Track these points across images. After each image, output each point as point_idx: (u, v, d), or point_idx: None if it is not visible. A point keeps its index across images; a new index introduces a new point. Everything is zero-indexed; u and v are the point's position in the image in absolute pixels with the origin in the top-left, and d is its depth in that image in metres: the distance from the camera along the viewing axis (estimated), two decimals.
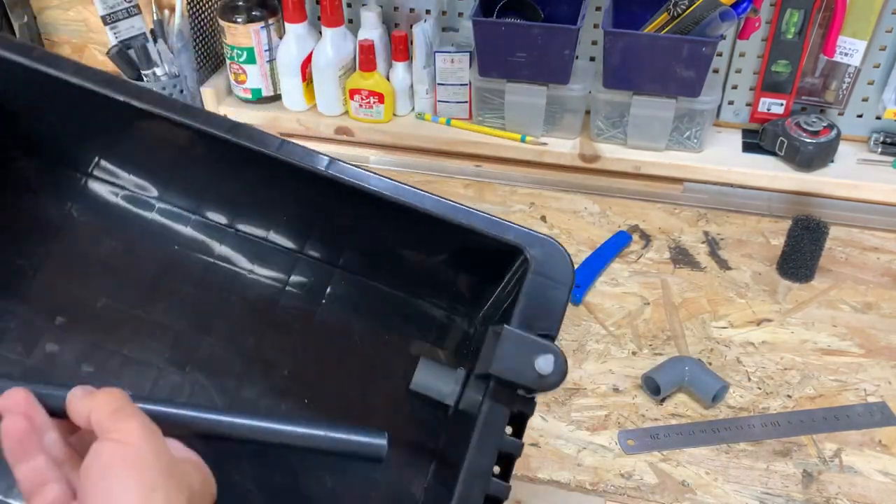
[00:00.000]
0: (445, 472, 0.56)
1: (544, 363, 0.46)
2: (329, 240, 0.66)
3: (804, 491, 0.68)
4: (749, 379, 0.78)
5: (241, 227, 0.68)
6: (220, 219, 0.68)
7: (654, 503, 0.67)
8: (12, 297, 0.64)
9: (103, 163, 0.68)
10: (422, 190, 0.55)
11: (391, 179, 0.56)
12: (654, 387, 0.75)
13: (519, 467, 0.69)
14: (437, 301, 0.65)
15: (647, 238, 0.96)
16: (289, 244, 0.67)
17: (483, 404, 0.47)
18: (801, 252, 0.87)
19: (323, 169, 0.55)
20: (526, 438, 0.71)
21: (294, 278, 0.66)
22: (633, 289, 0.89)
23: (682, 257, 0.93)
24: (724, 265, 0.92)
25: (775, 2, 0.94)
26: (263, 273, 0.66)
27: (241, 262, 0.67)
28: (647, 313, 0.85)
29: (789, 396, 0.76)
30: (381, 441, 0.51)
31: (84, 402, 0.44)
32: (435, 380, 0.59)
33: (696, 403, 0.75)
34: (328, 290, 0.66)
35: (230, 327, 0.64)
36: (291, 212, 0.65)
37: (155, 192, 0.68)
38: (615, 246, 0.94)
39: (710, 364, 0.79)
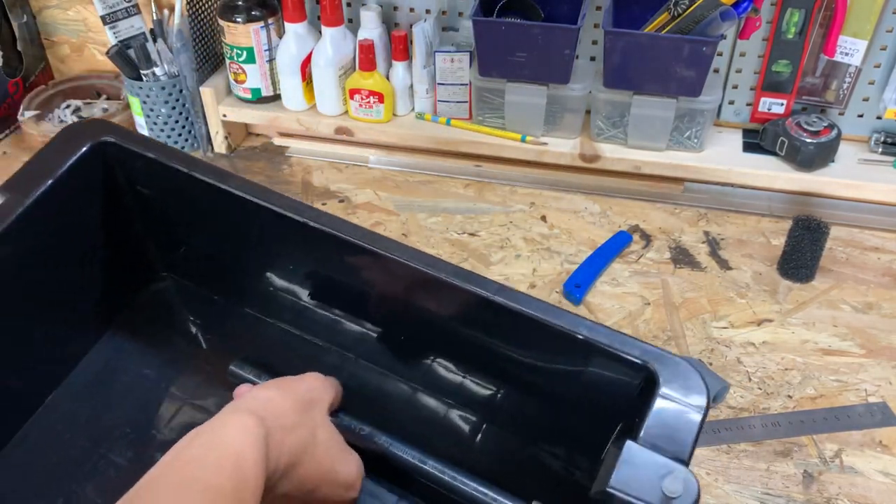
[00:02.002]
0: None
1: (671, 485, 0.39)
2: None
3: (805, 491, 0.68)
4: (749, 379, 0.78)
5: (360, 355, 0.69)
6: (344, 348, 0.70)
7: None
8: None
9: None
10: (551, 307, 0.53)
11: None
12: None
13: None
14: (555, 450, 0.60)
15: (647, 238, 0.96)
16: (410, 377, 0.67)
17: None
18: (802, 252, 0.87)
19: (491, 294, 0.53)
20: None
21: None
22: (633, 289, 0.89)
23: (682, 257, 0.93)
24: (724, 265, 0.92)
25: (776, 1, 0.94)
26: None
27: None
28: (648, 313, 0.85)
29: (790, 397, 0.76)
30: None
31: None
32: None
33: None
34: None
35: None
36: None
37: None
38: (615, 246, 0.94)
39: (711, 364, 0.79)
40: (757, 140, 1.02)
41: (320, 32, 1.03)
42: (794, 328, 0.83)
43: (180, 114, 1.09)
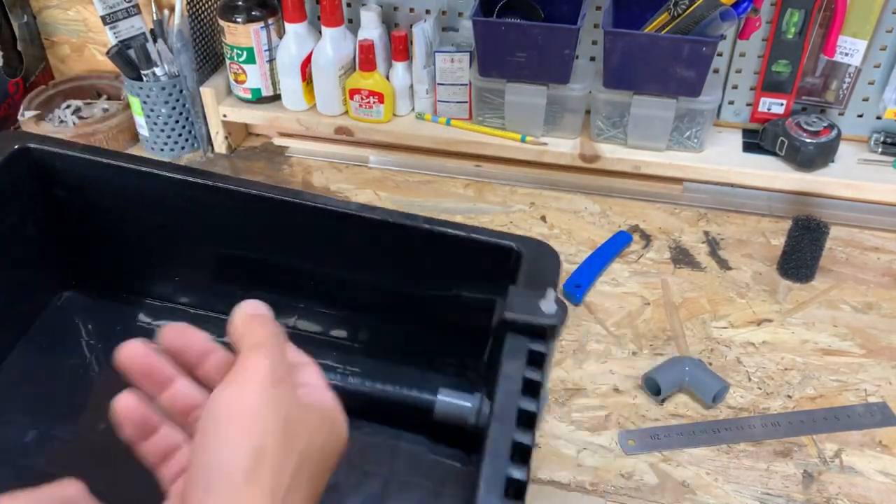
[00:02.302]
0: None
1: (546, 305, 0.55)
2: (345, 319, 0.73)
3: (804, 491, 0.68)
4: (749, 379, 0.78)
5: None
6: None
7: (654, 503, 0.67)
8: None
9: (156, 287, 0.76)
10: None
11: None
12: (654, 387, 0.75)
13: None
14: (447, 359, 0.72)
15: (647, 238, 0.96)
16: (310, 329, 0.74)
17: (505, 343, 0.54)
18: (802, 252, 0.87)
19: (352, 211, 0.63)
20: None
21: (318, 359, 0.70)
22: (633, 289, 0.89)
23: (682, 257, 0.93)
24: (724, 265, 0.92)
25: (776, 1, 0.94)
26: None
27: None
28: (648, 313, 0.85)
29: (790, 397, 0.76)
30: (433, 397, 0.62)
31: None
32: (454, 406, 0.63)
33: (696, 404, 0.75)
34: (347, 366, 0.71)
35: None
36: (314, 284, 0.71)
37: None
38: (615, 246, 0.94)
39: (711, 364, 0.79)
40: (757, 140, 1.02)
41: (320, 32, 1.03)
42: (793, 328, 0.84)
43: (180, 114, 1.09)
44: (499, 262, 0.62)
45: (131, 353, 0.44)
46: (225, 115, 1.10)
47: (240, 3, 1.02)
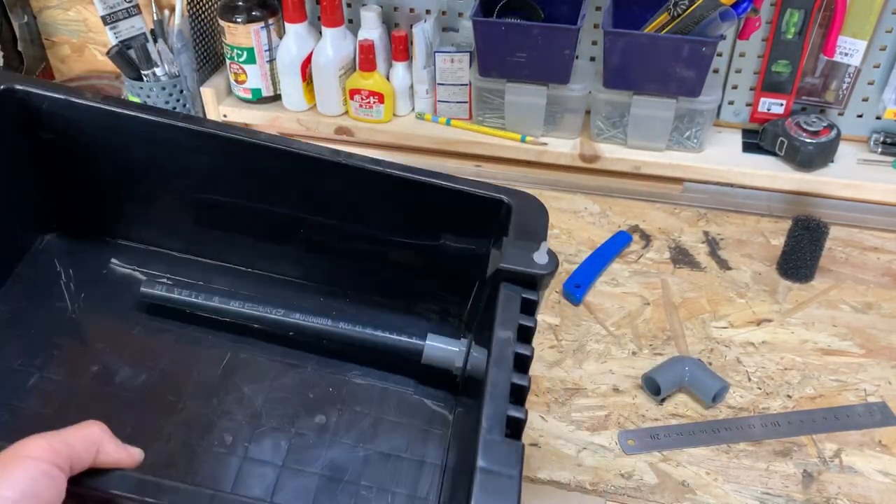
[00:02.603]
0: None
1: (539, 256, 0.58)
2: (332, 265, 0.74)
3: (804, 491, 0.68)
4: (749, 379, 0.78)
5: (257, 266, 0.76)
6: (239, 261, 0.75)
7: (654, 503, 0.67)
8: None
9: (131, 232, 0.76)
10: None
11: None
12: (654, 387, 0.75)
13: None
14: (430, 305, 0.74)
15: (647, 238, 0.96)
16: (296, 275, 0.75)
17: (500, 291, 0.57)
18: (801, 252, 0.87)
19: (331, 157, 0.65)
20: (526, 438, 0.71)
21: (304, 304, 0.73)
22: (633, 289, 0.89)
23: (682, 257, 0.93)
24: (724, 265, 0.92)
25: (775, 2, 0.94)
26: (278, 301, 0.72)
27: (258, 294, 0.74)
28: (648, 313, 0.85)
29: (789, 396, 0.76)
30: (422, 342, 0.65)
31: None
32: (442, 350, 0.66)
33: (696, 403, 0.75)
34: (333, 311, 0.72)
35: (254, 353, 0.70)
36: (295, 233, 0.72)
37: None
38: (615, 246, 0.94)
39: (711, 364, 0.79)
40: (756, 140, 1.02)
41: (320, 33, 1.04)
42: (793, 328, 0.84)
43: None
44: (489, 215, 0.64)
45: None
46: (225, 116, 1.10)
47: (240, 3, 1.02)
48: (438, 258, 0.70)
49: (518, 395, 0.52)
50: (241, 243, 0.74)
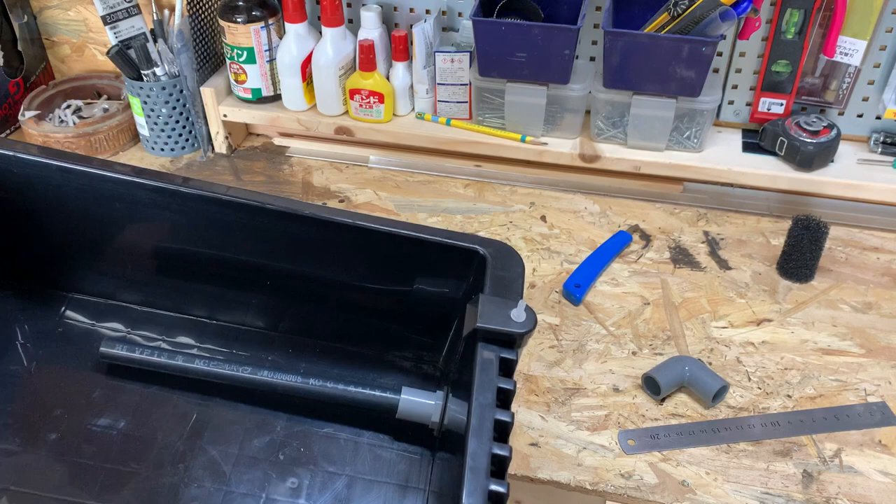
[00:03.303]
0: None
1: (517, 314, 0.56)
2: (300, 314, 0.72)
3: (804, 491, 0.68)
4: (749, 379, 0.78)
5: (220, 317, 0.73)
6: (201, 312, 0.73)
7: (654, 503, 0.67)
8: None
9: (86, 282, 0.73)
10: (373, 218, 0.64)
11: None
12: (654, 387, 0.75)
13: (519, 467, 0.69)
14: (404, 353, 0.73)
15: (647, 238, 0.96)
16: (262, 325, 0.73)
17: (477, 354, 0.55)
18: (801, 252, 0.87)
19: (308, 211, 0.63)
20: (525, 438, 0.72)
21: (271, 356, 0.72)
22: (633, 289, 0.89)
23: (682, 257, 0.93)
24: (724, 265, 0.92)
25: (775, 2, 0.94)
26: (244, 354, 0.71)
27: (223, 348, 0.72)
28: (648, 313, 0.85)
29: (789, 396, 0.76)
30: (396, 396, 0.63)
31: None
32: (418, 404, 0.63)
33: (696, 403, 0.75)
34: (303, 363, 0.71)
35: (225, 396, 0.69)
36: (263, 283, 0.70)
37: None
38: (615, 246, 0.94)
39: (711, 364, 0.79)
40: (756, 140, 1.02)
41: (320, 33, 1.04)
42: (793, 328, 0.84)
43: (181, 114, 1.09)
44: (463, 264, 0.63)
45: None
46: (225, 115, 1.10)
47: (240, 3, 1.02)
48: (411, 305, 0.68)
49: (499, 467, 0.50)
50: (203, 293, 0.72)
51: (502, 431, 0.52)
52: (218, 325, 0.73)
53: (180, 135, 1.10)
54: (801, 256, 0.88)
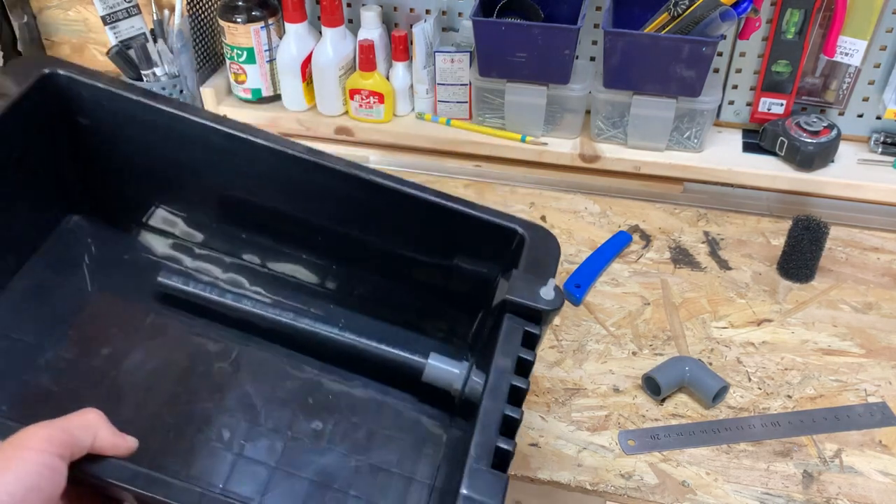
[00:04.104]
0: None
1: (546, 292, 0.58)
2: (345, 274, 0.75)
3: (804, 491, 0.68)
4: (749, 379, 0.78)
5: (272, 266, 0.76)
6: (255, 259, 0.76)
7: (654, 503, 0.67)
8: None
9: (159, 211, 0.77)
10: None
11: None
12: (654, 387, 0.75)
13: (519, 467, 0.69)
14: (438, 325, 0.74)
15: (647, 238, 0.96)
16: (309, 279, 0.75)
17: (504, 321, 0.57)
18: (802, 252, 0.87)
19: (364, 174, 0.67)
20: (526, 438, 0.72)
21: (313, 308, 0.74)
22: (633, 289, 0.89)
23: (682, 257, 0.93)
24: (724, 265, 0.92)
25: (775, 2, 0.94)
26: (288, 303, 0.74)
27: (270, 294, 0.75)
28: (648, 313, 0.85)
29: (789, 397, 0.76)
30: (424, 361, 0.65)
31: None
32: (443, 371, 0.65)
33: (696, 403, 0.75)
34: (342, 319, 0.72)
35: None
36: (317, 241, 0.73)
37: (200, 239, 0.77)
38: (615, 246, 0.94)
39: (711, 364, 0.79)
40: (757, 140, 1.02)
41: (320, 33, 1.04)
42: (793, 328, 0.84)
43: None
44: (502, 243, 0.64)
45: None
46: (225, 116, 1.09)
47: (240, 3, 1.02)
48: (450, 279, 0.70)
49: (509, 427, 0.52)
50: (260, 243, 0.75)
51: (517, 397, 0.54)
52: (269, 274, 0.76)
53: None
54: (801, 256, 0.88)
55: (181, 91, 1.07)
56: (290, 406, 0.66)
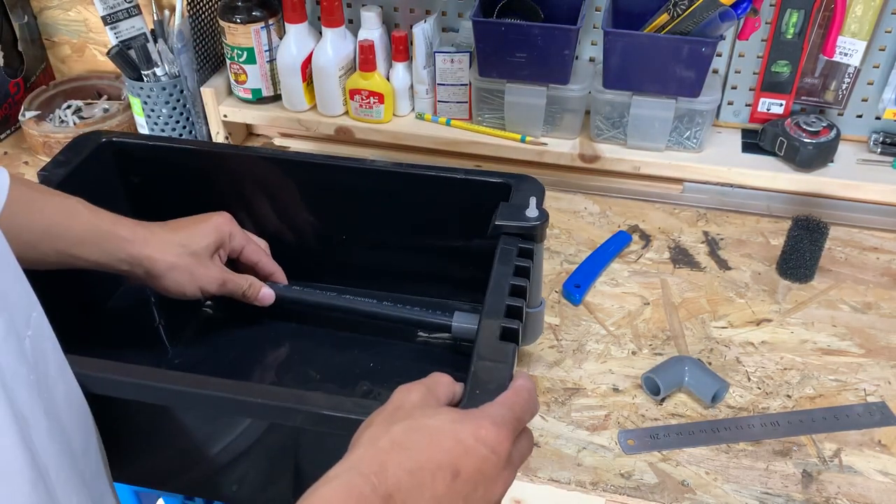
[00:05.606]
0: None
1: (530, 211, 0.69)
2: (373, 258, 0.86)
3: (804, 491, 0.68)
4: (749, 379, 0.78)
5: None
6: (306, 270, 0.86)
7: (654, 503, 0.67)
8: None
9: None
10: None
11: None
12: (654, 387, 0.75)
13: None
14: (462, 298, 0.85)
15: (647, 238, 0.96)
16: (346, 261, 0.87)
17: (498, 243, 0.68)
18: (801, 252, 0.87)
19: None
20: None
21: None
22: (633, 289, 0.89)
23: (681, 257, 0.93)
24: (723, 265, 0.92)
25: (775, 2, 0.94)
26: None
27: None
28: (647, 313, 0.86)
29: (789, 396, 0.76)
30: (450, 319, 0.77)
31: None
32: (467, 327, 0.76)
33: (696, 403, 0.75)
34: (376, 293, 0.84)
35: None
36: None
37: None
38: (615, 246, 0.94)
39: (710, 364, 0.79)
40: (756, 140, 1.02)
41: (321, 33, 1.04)
42: (793, 328, 0.84)
43: (181, 114, 1.09)
44: (501, 196, 0.74)
45: None
46: (225, 116, 1.10)
47: (240, 3, 1.02)
48: (476, 254, 0.77)
49: (513, 313, 0.60)
50: (311, 254, 0.86)
51: (518, 293, 0.63)
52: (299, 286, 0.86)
53: (180, 135, 1.10)
54: (800, 256, 0.88)
55: (181, 91, 1.07)
56: (342, 376, 0.78)
